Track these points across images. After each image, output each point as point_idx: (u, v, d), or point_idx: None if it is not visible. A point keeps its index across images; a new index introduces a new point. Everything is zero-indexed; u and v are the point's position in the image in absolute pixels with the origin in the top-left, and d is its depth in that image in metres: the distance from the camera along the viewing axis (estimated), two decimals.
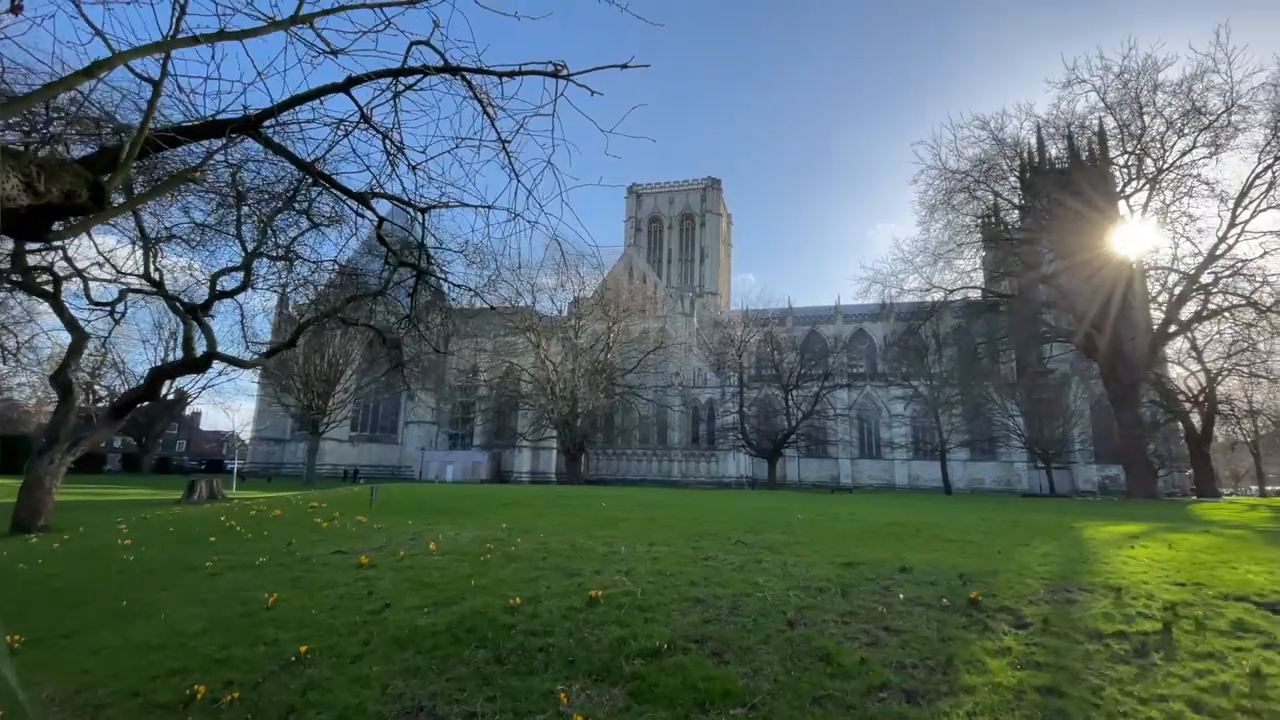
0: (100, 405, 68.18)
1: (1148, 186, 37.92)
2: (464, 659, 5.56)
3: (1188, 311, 38.83)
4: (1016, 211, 42.48)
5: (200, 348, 15.83)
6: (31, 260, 15.62)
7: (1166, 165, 36.83)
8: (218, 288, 15.76)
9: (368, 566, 8.36)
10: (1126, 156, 38.50)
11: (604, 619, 6.20)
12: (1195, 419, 48.91)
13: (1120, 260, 38.05)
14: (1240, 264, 35.92)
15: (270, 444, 74.67)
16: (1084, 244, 39.82)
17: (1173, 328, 39.29)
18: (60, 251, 14.54)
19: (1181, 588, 6.70)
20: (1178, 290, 37.90)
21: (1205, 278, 37.09)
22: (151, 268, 15.56)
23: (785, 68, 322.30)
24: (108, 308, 15.40)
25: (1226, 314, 36.81)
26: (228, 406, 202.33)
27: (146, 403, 23.85)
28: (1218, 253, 36.05)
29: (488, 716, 4.62)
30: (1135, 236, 39.46)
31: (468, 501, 16.22)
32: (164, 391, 66.91)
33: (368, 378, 51.26)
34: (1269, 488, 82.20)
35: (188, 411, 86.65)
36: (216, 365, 49.54)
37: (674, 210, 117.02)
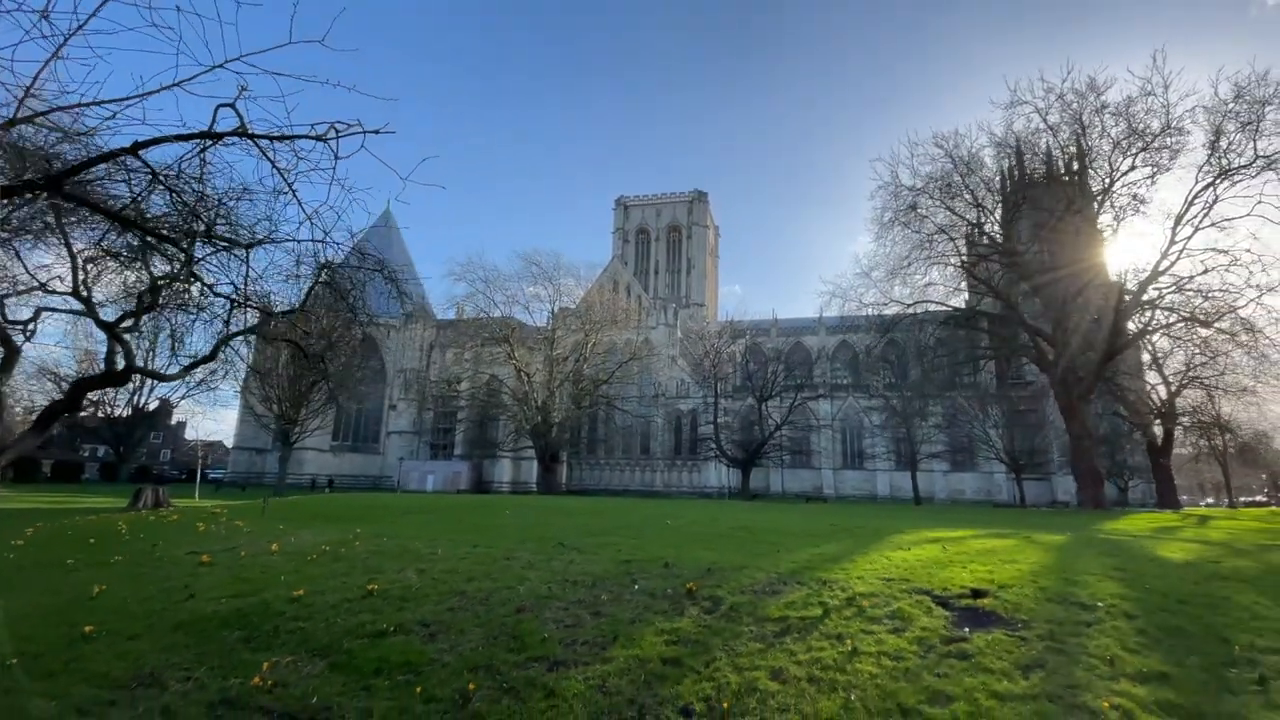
0: (84, 414, 69.31)
1: (1094, 204, 38.95)
2: (220, 639, 6.50)
3: (1135, 327, 39.77)
4: (968, 226, 43.43)
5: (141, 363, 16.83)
6: None
7: (1110, 185, 37.90)
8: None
9: (206, 565, 9.31)
10: (1071, 175, 39.61)
11: (364, 608, 7.13)
12: (1159, 430, 49.61)
13: (1071, 275, 39.03)
14: (1183, 280, 36.79)
15: (252, 453, 75.56)
16: (1037, 260, 40.94)
17: (1121, 341, 40.17)
18: None
19: (887, 583, 7.59)
20: (1123, 307, 38.81)
21: (1151, 293, 38.02)
22: (80, 284, 16.57)
23: (775, 81, 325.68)
24: (21, 326, 16.34)
25: (1166, 330, 37.77)
26: (197, 414, 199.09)
27: (68, 414, 24.72)
28: (1160, 269, 36.97)
29: (199, 679, 5.58)
30: (1086, 253, 40.40)
31: (369, 510, 17.14)
32: (143, 402, 68.03)
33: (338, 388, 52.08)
34: (1245, 498, 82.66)
35: (173, 421, 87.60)
36: (197, 374, 50.23)
37: (661, 222, 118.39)
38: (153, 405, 64.70)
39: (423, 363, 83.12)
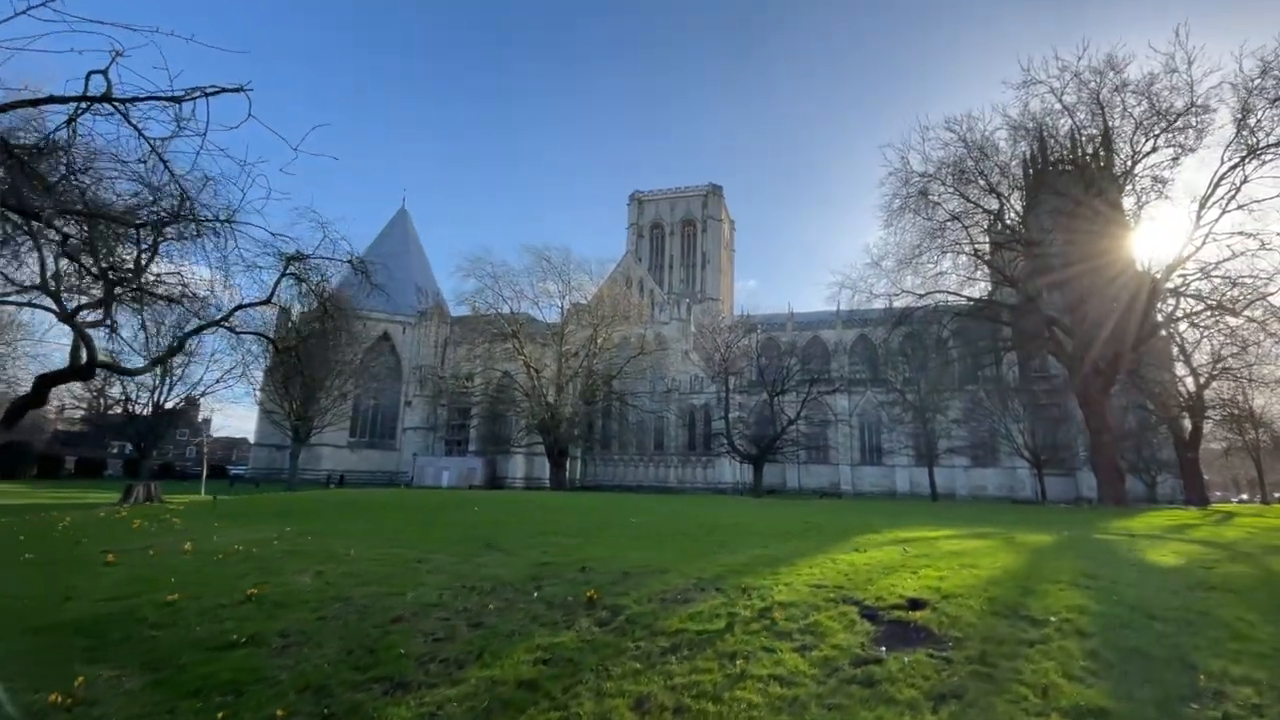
0: (110, 411, 70.48)
1: (1115, 188, 37.15)
2: (66, 647, 5.97)
3: (1159, 316, 37.91)
4: (985, 214, 41.80)
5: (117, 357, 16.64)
6: None
7: (1131, 168, 36.12)
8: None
9: (109, 565, 8.86)
10: (1096, 155, 37.85)
11: (234, 615, 6.55)
12: (1187, 424, 47.34)
13: (1091, 264, 37.28)
14: (1209, 266, 34.91)
15: (271, 450, 76.25)
16: (1056, 247, 39.22)
17: (1145, 331, 38.33)
18: None
19: (816, 590, 6.76)
20: (1145, 295, 36.96)
21: (1175, 280, 36.18)
22: (48, 276, 16.35)
23: (787, 79, 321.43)
24: None
25: (1192, 319, 35.96)
26: (218, 410, 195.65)
27: (34, 409, 24.78)
28: (1185, 254, 35.13)
29: (16, 689, 5.00)
30: (1107, 239, 38.59)
31: (334, 507, 16.70)
32: (163, 399, 68.85)
33: (352, 383, 52.32)
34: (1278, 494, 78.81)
35: (200, 419, 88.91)
36: (214, 371, 50.55)
37: (675, 217, 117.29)
38: (171, 403, 65.31)
39: (437, 359, 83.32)
